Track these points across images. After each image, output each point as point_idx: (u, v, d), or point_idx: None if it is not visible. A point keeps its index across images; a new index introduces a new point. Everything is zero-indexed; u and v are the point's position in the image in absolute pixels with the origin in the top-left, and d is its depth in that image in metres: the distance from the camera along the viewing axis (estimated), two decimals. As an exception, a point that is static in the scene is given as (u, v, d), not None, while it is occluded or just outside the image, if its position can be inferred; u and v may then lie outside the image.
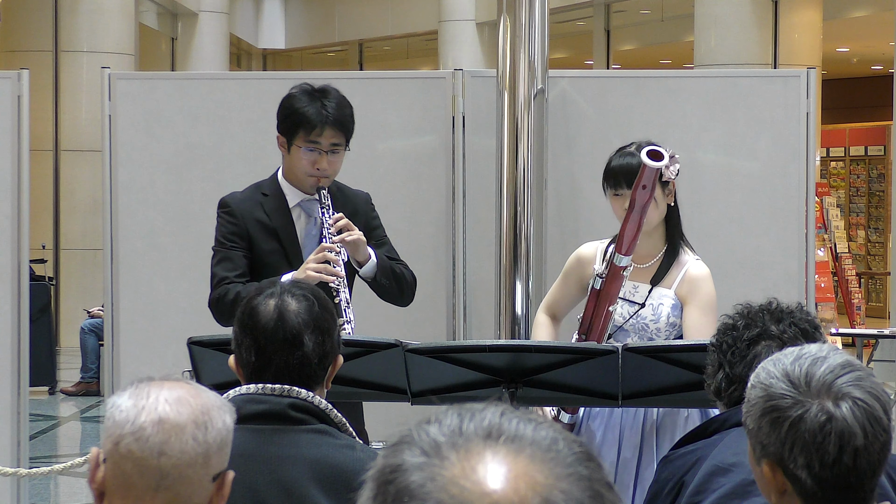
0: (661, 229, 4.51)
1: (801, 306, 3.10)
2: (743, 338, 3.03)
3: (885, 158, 20.00)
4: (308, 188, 4.52)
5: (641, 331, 4.43)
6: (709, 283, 4.45)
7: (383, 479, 1.18)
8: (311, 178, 4.49)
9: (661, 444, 4.36)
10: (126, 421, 2.23)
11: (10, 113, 5.90)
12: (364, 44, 24.36)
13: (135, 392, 2.26)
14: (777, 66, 15.01)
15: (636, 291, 4.46)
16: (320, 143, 4.46)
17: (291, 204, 4.57)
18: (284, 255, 4.49)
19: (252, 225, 4.53)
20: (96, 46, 14.82)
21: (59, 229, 14.85)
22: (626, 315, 4.44)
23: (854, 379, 2.21)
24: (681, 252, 4.50)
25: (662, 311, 4.41)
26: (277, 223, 4.53)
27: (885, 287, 18.86)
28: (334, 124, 4.47)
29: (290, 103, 4.54)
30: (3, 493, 5.90)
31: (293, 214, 4.57)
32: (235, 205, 4.57)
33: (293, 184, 4.56)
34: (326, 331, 2.94)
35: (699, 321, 4.37)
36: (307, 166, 4.48)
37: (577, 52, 21.67)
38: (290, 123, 4.50)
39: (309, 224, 4.57)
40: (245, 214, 4.54)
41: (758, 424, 2.23)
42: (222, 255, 4.52)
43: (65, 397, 11.99)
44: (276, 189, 4.59)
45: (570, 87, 5.91)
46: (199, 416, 2.24)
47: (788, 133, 5.81)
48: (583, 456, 1.19)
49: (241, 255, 4.50)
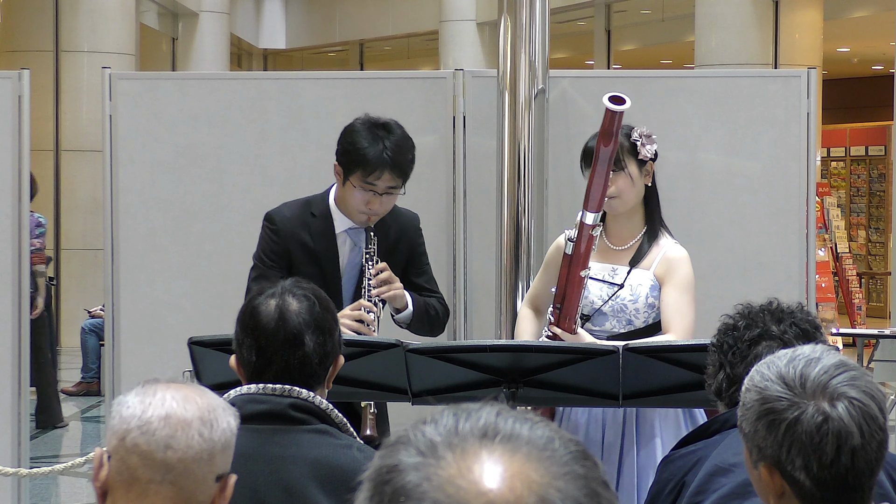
0: (640, 211, 4.52)
1: (801, 306, 3.10)
2: (744, 338, 3.03)
3: (885, 158, 19.99)
4: (359, 223, 4.51)
5: (620, 312, 4.43)
6: (687, 265, 4.46)
7: (380, 480, 1.19)
8: (363, 216, 4.47)
9: (640, 432, 4.37)
10: (133, 416, 2.25)
11: (11, 113, 5.90)
12: (365, 44, 24.36)
13: (141, 391, 2.28)
14: (778, 66, 15.01)
15: (615, 273, 4.47)
16: (377, 186, 4.42)
17: (338, 230, 4.55)
18: (323, 280, 4.42)
19: (294, 245, 4.52)
20: (97, 46, 14.81)
21: (59, 229, 14.85)
22: (604, 297, 4.45)
23: (849, 379, 2.21)
24: (660, 234, 4.50)
25: (641, 291, 4.42)
26: (320, 247, 4.52)
27: (885, 287, 18.86)
28: (393, 168, 4.41)
29: (353, 139, 4.46)
30: (4, 493, 5.90)
31: (339, 240, 4.55)
32: (281, 223, 4.55)
33: (343, 212, 4.54)
34: (327, 331, 2.94)
35: (677, 300, 4.39)
36: (360, 205, 4.45)
37: (577, 52, 21.66)
38: (349, 160, 4.44)
39: (353, 252, 4.55)
40: (289, 235, 4.53)
41: (754, 428, 2.23)
42: (260, 273, 4.51)
43: (65, 397, 11.97)
44: (326, 211, 4.56)
45: (570, 87, 5.91)
46: (206, 414, 2.25)
47: (789, 133, 5.81)
48: (579, 455, 1.20)
49: (278, 274, 4.44)
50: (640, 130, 4.49)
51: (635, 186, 4.46)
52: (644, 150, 4.45)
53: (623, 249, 4.50)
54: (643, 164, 4.47)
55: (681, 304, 4.38)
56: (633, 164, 4.46)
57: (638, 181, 4.47)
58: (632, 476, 4.30)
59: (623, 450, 4.35)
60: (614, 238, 4.52)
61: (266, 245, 4.55)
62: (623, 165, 4.44)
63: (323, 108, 5.96)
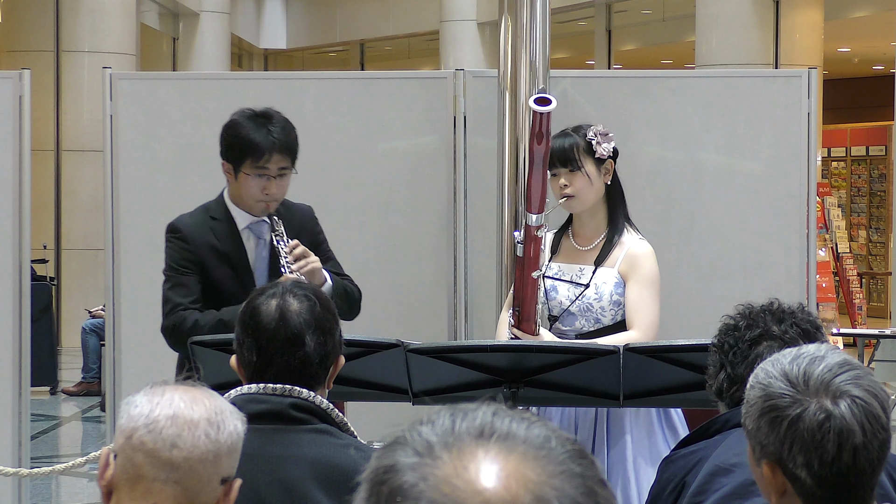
0: (602, 210, 4.55)
1: (802, 307, 3.10)
2: (745, 338, 3.03)
3: (886, 158, 19.99)
4: (258, 213, 4.51)
5: (587, 311, 4.46)
6: (649, 260, 4.48)
7: (377, 480, 1.19)
8: (261, 204, 4.48)
9: (610, 430, 4.38)
10: (140, 415, 2.25)
11: (12, 113, 5.90)
12: (365, 44, 24.36)
13: (150, 391, 2.30)
14: (778, 66, 15.01)
15: (581, 274, 4.49)
16: (269, 170, 4.44)
17: (241, 226, 4.55)
18: (237, 278, 4.47)
19: (204, 250, 4.51)
20: (98, 46, 14.81)
21: (60, 229, 14.85)
22: (571, 297, 4.47)
23: (852, 377, 2.22)
24: (624, 231, 4.52)
25: (605, 289, 4.44)
26: (228, 248, 4.52)
27: (886, 287, 18.86)
28: (281, 150, 4.45)
29: (236, 131, 4.50)
30: (5, 493, 5.90)
31: (243, 237, 4.56)
32: (187, 230, 4.54)
33: (241, 207, 4.54)
34: (328, 331, 2.94)
35: (639, 296, 4.41)
36: (257, 192, 4.46)
37: (578, 52, 21.67)
38: (236, 151, 4.47)
39: (259, 246, 4.56)
40: (197, 240, 4.52)
41: (757, 425, 2.24)
42: (175, 281, 4.49)
43: (66, 397, 11.99)
44: (225, 213, 4.56)
45: (571, 87, 5.91)
46: (213, 415, 2.26)
47: (790, 133, 5.81)
48: (576, 454, 1.20)
49: (194, 280, 4.47)
50: (595, 129, 4.51)
51: (593, 185, 4.48)
52: (600, 148, 4.47)
53: (588, 249, 4.54)
54: (601, 163, 4.49)
55: (644, 300, 4.40)
56: (590, 164, 4.47)
57: (596, 180, 4.49)
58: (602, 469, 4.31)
59: (594, 449, 4.37)
60: (580, 238, 4.56)
61: (176, 254, 4.52)
62: (579, 165, 4.46)
63: (324, 108, 5.97)
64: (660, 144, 5.86)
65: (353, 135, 5.97)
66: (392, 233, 5.94)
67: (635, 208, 5.77)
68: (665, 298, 5.75)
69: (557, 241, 4.62)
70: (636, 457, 4.37)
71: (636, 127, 5.84)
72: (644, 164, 5.80)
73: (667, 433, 4.43)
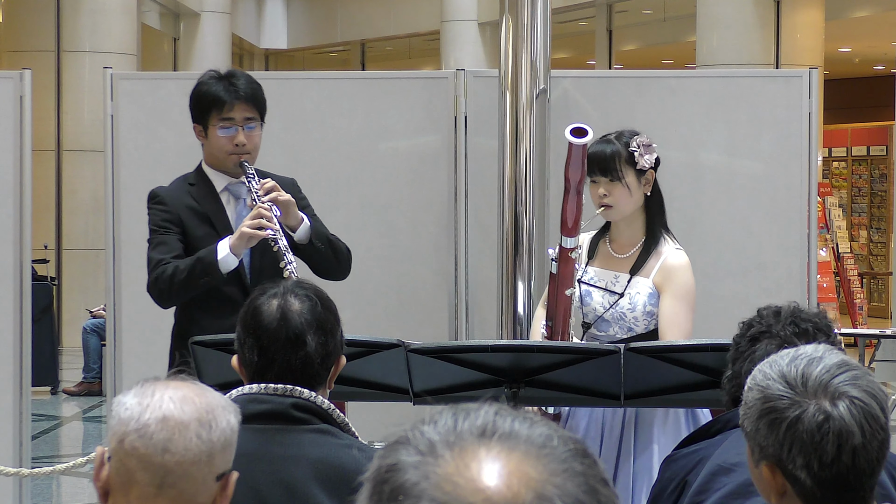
0: (641, 219, 4.51)
1: (821, 312, 3.07)
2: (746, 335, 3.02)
3: (887, 158, 19.99)
4: (231, 168, 4.57)
5: (620, 320, 4.45)
6: (685, 272, 4.44)
7: (379, 479, 1.19)
8: (233, 157, 4.54)
9: (639, 433, 4.37)
10: (130, 418, 2.23)
11: (13, 113, 5.90)
12: (366, 44, 24.36)
13: (140, 391, 2.27)
14: (779, 66, 15.01)
15: (616, 281, 4.47)
16: (234, 119, 4.53)
17: (219, 188, 4.63)
18: (218, 237, 4.50)
19: (183, 212, 4.58)
20: (98, 46, 14.81)
21: (61, 229, 14.85)
22: (605, 304, 4.46)
23: (850, 378, 2.22)
24: (661, 241, 4.49)
25: (639, 300, 4.42)
26: (208, 208, 4.59)
27: (886, 287, 18.85)
28: (245, 99, 4.54)
29: (199, 89, 4.61)
30: (6, 493, 5.90)
31: (222, 199, 4.62)
32: (165, 194, 4.63)
33: (217, 168, 4.62)
34: (329, 331, 2.94)
35: (672, 309, 4.38)
36: (226, 144, 4.54)
37: (579, 52, 21.67)
38: (202, 107, 4.57)
39: (239, 206, 4.61)
40: (175, 202, 4.59)
41: (755, 426, 2.24)
42: (157, 241, 4.56)
43: (67, 397, 11.99)
44: (202, 177, 4.64)
45: (572, 87, 5.91)
46: (204, 415, 2.24)
47: (790, 133, 5.82)
48: (578, 452, 1.20)
49: (175, 238, 4.55)
50: (639, 140, 4.47)
51: (633, 196, 4.45)
52: (642, 160, 4.44)
53: (625, 257, 4.50)
54: (642, 174, 4.45)
55: (677, 315, 4.36)
56: (630, 174, 4.44)
57: (636, 191, 4.45)
58: (627, 482, 4.30)
59: (620, 457, 4.35)
60: (617, 245, 4.52)
61: (156, 217, 4.59)
62: (620, 175, 4.42)
63: (324, 108, 5.97)
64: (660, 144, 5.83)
65: (354, 135, 5.97)
66: (393, 232, 5.94)
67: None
68: (666, 298, 5.76)
69: (594, 246, 4.58)
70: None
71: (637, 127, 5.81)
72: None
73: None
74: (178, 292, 4.46)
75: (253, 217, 4.37)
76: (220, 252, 4.38)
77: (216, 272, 4.36)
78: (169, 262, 4.47)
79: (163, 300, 4.53)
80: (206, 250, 4.40)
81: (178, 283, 4.43)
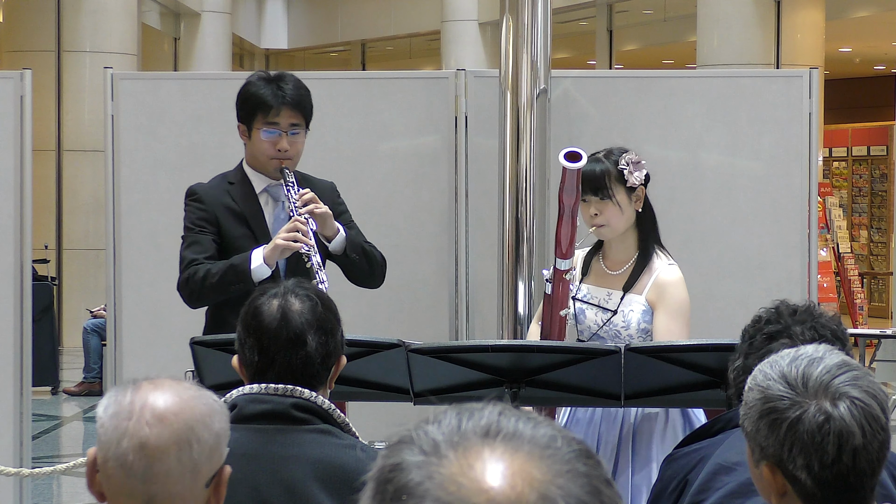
0: (633, 236, 4.49)
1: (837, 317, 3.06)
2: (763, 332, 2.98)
3: (887, 158, 19.99)
4: (272, 172, 4.56)
5: (615, 337, 4.42)
6: (678, 288, 4.42)
7: (382, 479, 1.19)
8: (274, 161, 4.53)
9: (637, 448, 4.36)
10: (109, 443, 2.19)
11: (13, 113, 5.90)
12: (367, 44, 24.36)
13: (116, 407, 2.21)
14: (779, 66, 15.01)
15: (609, 299, 4.46)
16: (279, 124, 4.51)
17: (258, 190, 4.61)
18: (255, 239, 4.52)
19: (220, 211, 4.56)
20: (99, 46, 14.81)
21: (61, 229, 14.85)
22: (599, 322, 4.45)
23: (851, 378, 2.21)
24: (654, 258, 4.46)
25: (633, 317, 4.40)
26: (246, 209, 4.57)
27: (887, 287, 18.85)
28: (292, 105, 4.52)
29: (247, 90, 4.59)
30: (6, 493, 5.90)
31: (261, 200, 4.61)
32: (203, 192, 4.61)
33: (258, 170, 4.60)
34: (330, 331, 2.94)
35: (667, 326, 4.35)
36: (268, 149, 4.52)
37: (579, 52, 21.67)
38: (248, 108, 4.55)
39: (277, 209, 4.60)
40: (213, 201, 4.58)
41: (756, 427, 2.23)
42: (191, 240, 4.55)
43: (67, 397, 11.99)
44: (242, 177, 4.63)
45: (572, 87, 5.91)
46: (182, 436, 2.19)
47: (791, 133, 5.82)
48: (581, 453, 1.20)
49: (209, 238, 4.54)
50: (628, 157, 4.46)
51: (624, 214, 4.44)
52: (632, 177, 4.43)
53: (618, 274, 4.49)
54: (632, 191, 4.45)
55: (670, 332, 4.35)
56: (621, 192, 4.43)
57: (627, 208, 4.44)
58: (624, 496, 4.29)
59: (616, 472, 4.34)
60: (609, 262, 4.52)
61: (192, 215, 4.59)
62: (610, 194, 4.41)
63: (325, 108, 5.96)
64: (661, 144, 5.86)
65: (355, 135, 5.97)
66: (393, 232, 5.93)
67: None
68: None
69: (588, 263, 4.57)
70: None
71: (637, 127, 5.84)
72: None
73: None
74: (208, 296, 4.46)
75: (289, 230, 4.35)
76: (253, 261, 4.36)
77: (248, 280, 4.34)
78: (201, 264, 4.47)
79: (192, 301, 4.54)
80: (241, 257, 4.38)
81: (209, 287, 4.43)
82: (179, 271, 4.53)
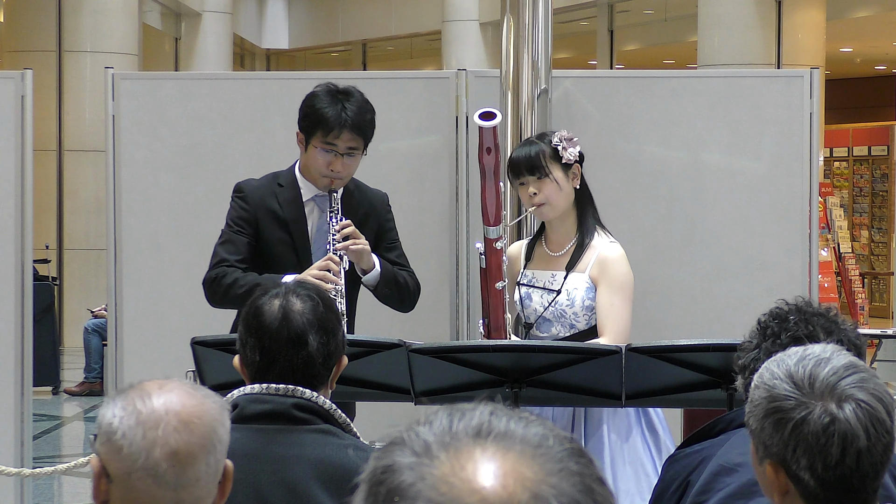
0: (572, 215, 4.55)
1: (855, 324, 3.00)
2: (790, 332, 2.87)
3: (888, 158, 19.99)
4: (321, 187, 4.55)
5: (560, 317, 4.47)
6: (620, 264, 4.47)
7: (375, 480, 1.19)
8: (325, 179, 4.52)
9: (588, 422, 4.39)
10: (136, 455, 2.17)
11: (14, 113, 5.90)
12: (367, 44, 24.37)
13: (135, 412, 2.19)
14: (780, 66, 15.01)
15: (553, 280, 4.51)
16: (337, 146, 4.48)
17: (305, 198, 4.61)
18: (293, 246, 4.53)
19: (262, 213, 4.57)
20: (100, 46, 14.82)
21: (62, 229, 14.86)
22: (545, 303, 4.48)
23: (858, 381, 2.21)
24: (594, 235, 4.52)
25: (577, 295, 4.45)
26: (289, 215, 4.57)
27: (888, 287, 18.86)
28: (352, 128, 4.47)
29: (312, 102, 4.54)
30: (7, 493, 5.90)
31: (306, 208, 4.60)
32: (249, 191, 4.62)
33: (308, 179, 4.60)
34: (331, 331, 2.94)
35: (609, 302, 4.41)
36: (322, 167, 4.50)
37: (580, 52, 21.67)
38: (309, 123, 4.52)
39: (321, 219, 4.59)
40: (257, 202, 4.58)
41: (761, 425, 2.23)
42: (227, 238, 4.57)
43: (68, 397, 11.99)
44: (293, 181, 4.62)
45: (573, 87, 5.91)
46: (208, 439, 2.20)
47: (792, 133, 5.81)
48: (573, 452, 1.20)
49: (245, 241, 4.54)
50: (560, 134, 4.52)
51: (563, 191, 4.49)
52: (566, 153, 4.48)
53: (560, 255, 4.54)
54: (568, 168, 4.50)
55: (614, 307, 4.40)
56: (557, 170, 4.48)
57: (565, 185, 4.50)
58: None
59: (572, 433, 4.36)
60: (552, 244, 4.57)
61: (234, 213, 4.60)
62: (547, 171, 4.47)
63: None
64: (662, 144, 5.86)
65: (356, 135, 5.96)
66: (394, 233, 5.93)
67: (637, 208, 5.78)
68: (667, 298, 5.76)
69: (531, 249, 4.63)
70: (614, 457, 4.38)
71: (638, 127, 5.84)
72: (646, 164, 5.80)
73: (646, 433, 4.43)
74: (230, 304, 4.46)
75: (320, 268, 4.36)
76: None
77: None
78: (231, 266, 4.48)
79: (213, 302, 4.56)
80: (271, 280, 4.30)
81: (232, 297, 4.43)
82: (209, 265, 4.55)
